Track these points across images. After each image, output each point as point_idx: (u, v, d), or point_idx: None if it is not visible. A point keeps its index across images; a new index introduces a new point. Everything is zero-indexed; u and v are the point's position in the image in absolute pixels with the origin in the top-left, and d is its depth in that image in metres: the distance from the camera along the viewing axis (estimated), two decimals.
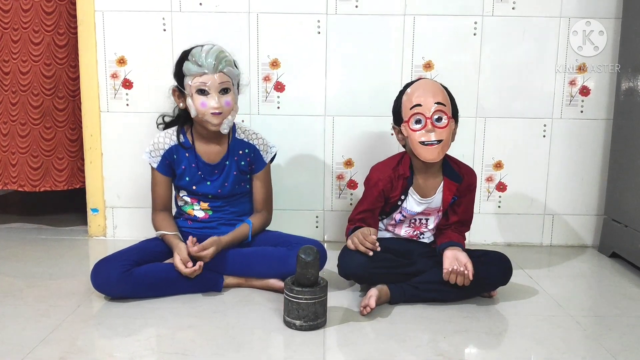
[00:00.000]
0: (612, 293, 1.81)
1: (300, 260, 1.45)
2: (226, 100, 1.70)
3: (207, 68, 1.66)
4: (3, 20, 2.20)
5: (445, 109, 1.64)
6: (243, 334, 1.45)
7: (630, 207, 2.02)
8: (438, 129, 1.63)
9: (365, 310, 1.56)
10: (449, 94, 1.70)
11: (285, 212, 2.18)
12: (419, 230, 1.80)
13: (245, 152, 1.82)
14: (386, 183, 1.72)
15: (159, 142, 1.79)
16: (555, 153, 2.22)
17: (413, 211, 1.76)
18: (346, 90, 2.19)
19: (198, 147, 1.80)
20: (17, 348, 1.35)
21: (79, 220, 2.49)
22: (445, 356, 1.36)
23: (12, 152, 2.28)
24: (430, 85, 1.67)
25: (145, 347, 1.38)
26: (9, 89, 2.24)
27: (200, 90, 1.68)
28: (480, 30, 2.15)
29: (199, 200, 1.83)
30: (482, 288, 1.68)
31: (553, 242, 2.29)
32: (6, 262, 2.01)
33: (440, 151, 1.65)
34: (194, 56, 1.67)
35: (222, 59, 1.68)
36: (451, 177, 1.73)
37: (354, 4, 2.13)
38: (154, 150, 1.79)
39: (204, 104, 1.68)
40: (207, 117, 1.69)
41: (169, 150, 1.79)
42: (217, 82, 1.68)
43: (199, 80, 1.67)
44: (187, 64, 1.69)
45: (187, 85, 1.70)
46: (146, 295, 1.66)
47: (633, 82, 2.03)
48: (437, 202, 1.75)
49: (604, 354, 1.38)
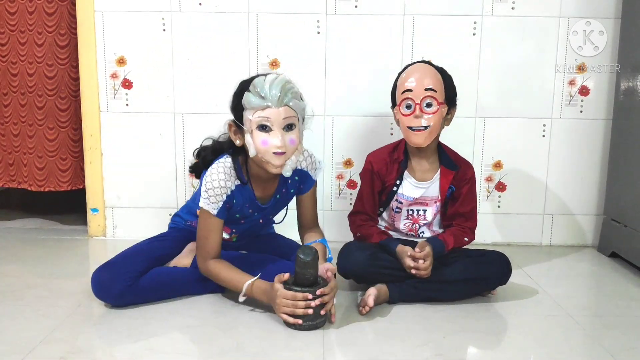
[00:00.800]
0: (611, 293, 1.81)
1: (299, 260, 1.45)
2: (291, 138, 1.51)
3: (271, 101, 1.47)
4: (10, 23, 2.22)
5: (435, 95, 1.64)
6: (243, 334, 1.45)
7: (630, 206, 2.02)
8: (426, 115, 1.64)
9: (364, 310, 1.56)
10: (446, 78, 1.69)
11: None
12: (418, 223, 1.78)
13: (295, 180, 1.68)
14: (381, 166, 1.74)
15: (220, 186, 1.55)
16: (554, 153, 2.22)
17: (410, 196, 1.75)
18: (346, 90, 2.19)
19: (254, 187, 1.63)
20: (17, 348, 1.35)
21: (78, 220, 2.49)
22: (444, 356, 1.36)
23: (24, 152, 2.31)
24: (423, 70, 1.67)
25: (145, 347, 1.38)
26: (18, 90, 2.27)
27: (262, 126, 1.49)
28: (480, 30, 2.15)
29: (231, 232, 1.73)
30: (481, 287, 1.69)
31: (552, 242, 2.29)
32: (6, 262, 2.01)
33: (427, 136, 1.66)
34: (256, 87, 1.49)
35: (288, 90, 1.49)
36: (447, 166, 1.74)
37: (354, 4, 2.13)
38: (214, 196, 1.55)
39: (265, 142, 1.49)
40: (267, 157, 1.51)
41: (229, 197, 1.58)
42: (282, 117, 1.49)
43: (260, 115, 1.48)
44: (247, 95, 1.49)
45: (246, 120, 1.51)
46: (150, 300, 1.63)
47: (632, 81, 2.03)
48: (434, 191, 1.75)
49: (604, 354, 1.38)
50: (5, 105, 2.29)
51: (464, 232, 1.75)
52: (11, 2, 2.21)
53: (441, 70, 1.70)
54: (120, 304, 1.60)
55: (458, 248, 1.74)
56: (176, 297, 1.67)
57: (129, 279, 1.57)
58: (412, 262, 1.60)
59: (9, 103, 2.29)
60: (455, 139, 2.18)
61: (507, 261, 1.68)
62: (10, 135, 2.32)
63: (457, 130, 2.18)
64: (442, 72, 1.70)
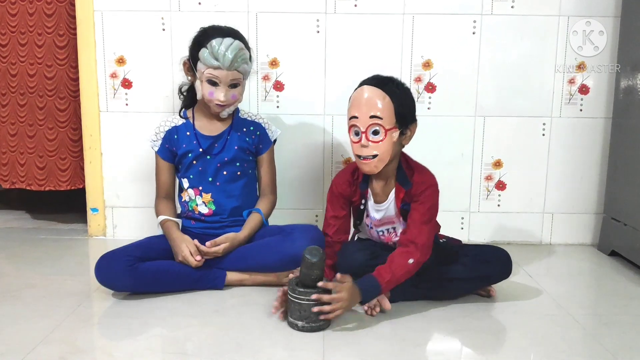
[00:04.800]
0: (611, 291, 1.81)
1: (306, 260, 1.44)
2: (233, 94, 1.75)
3: (223, 64, 1.69)
4: (10, 24, 2.23)
5: (382, 122, 1.53)
6: (243, 334, 1.45)
7: (630, 205, 2.02)
8: (373, 144, 1.55)
9: (374, 311, 1.56)
10: (398, 98, 1.55)
11: (284, 211, 2.18)
12: (391, 241, 1.73)
13: (251, 130, 1.87)
14: (344, 188, 1.70)
15: (159, 126, 1.84)
16: (554, 151, 2.22)
17: (375, 217, 1.71)
18: (345, 90, 2.17)
19: (198, 123, 1.84)
20: (17, 348, 1.35)
21: (78, 220, 2.49)
22: (445, 355, 1.36)
23: (21, 152, 2.32)
24: (367, 96, 1.55)
25: (145, 347, 1.38)
26: (17, 90, 2.27)
27: (211, 81, 1.72)
28: (480, 29, 2.15)
29: (200, 192, 1.83)
30: (483, 284, 1.68)
31: (552, 241, 2.29)
32: (6, 262, 2.01)
33: (376, 164, 1.58)
34: (213, 48, 1.68)
35: (239, 57, 1.70)
36: (401, 183, 1.64)
37: (353, 3, 2.13)
38: (156, 134, 1.84)
39: (211, 93, 1.73)
40: (211, 105, 1.76)
41: (169, 132, 1.83)
42: (229, 78, 1.72)
43: (211, 73, 1.71)
44: (204, 51, 1.70)
45: (199, 69, 1.73)
46: (150, 289, 1.67)
47: (632, 80, 2.03)
48: (392, 210, 1.68)
49: (603, 353, 1.38)
50: (3, 105, 2.30)
51: (406, 253, 1.56)
52: (12, 4, 2.22)
53: (390, 91, 1.55)
54: (123, 287, 1.66)
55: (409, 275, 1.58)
56: (176, 289, 1.69)
57: (130, 260, 1.63)
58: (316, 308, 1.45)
59: (7, 103, 2.29)
60: (455, 138, 2.20)
61: (508, 257, 1.67)
62: (7, 135, 2.31)
63: (457, 130, 2.20)
64: (392, 93, 1.55)
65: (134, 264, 1.63)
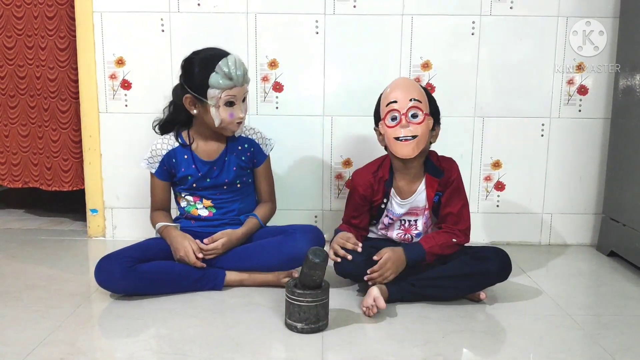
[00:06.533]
0: (610, 292, 1.82)
1: (309, 261, 1.43)
2: (245, 107, 1.76)
3: (237, 82, 1.68)
4: (17, 27, 2.25)
5: (421, 106, 1.63)
6: (243, 334, 1.46)
7: (629, 205, 2.03)
8: (413, 125, 1.62)
9: (372, 312, 1.56)
10: (429, 94, 1.69)
11: (284, 212, 2.18)
12: (410, 233, 1.76)
13: (245, 147, 1.85)
14: (366, 188, 1.73)
15: (156, 149, 1.81)
16: (553, 152, 2.23)
17: (398, 213, 1.74)
18: (344, 90, 2.20)
19: (195, 147, 1.82)
20: (17, 349, 1.35)
21: (78, 220, 2.49)
22: (443, 356, 1.36)
23: (33, 152, 2.36)
24: (405, 83, 1.68)
25: (145, 347, 1.38)
26: (27, 92, 2.31)
27: (230, 102, 1.70)
28: (478, 29, 2.15)
29: (201, 198, 1.84)
30: (481, 284, 1.67)
31: (551, 241, 2.29)
32: (5, 263, 2.01)
33: (415, 147, 1.63)
34: (223, 69, 1.66)
35: (245, 70, 1.71)
36: (433, 174, 1.72)
37: (352, 4, 2.14)
38: (152, 157, 1.81)
39: (231, 115, 1.71)
40: (231, 126, 1.74)
41: (167, 155, 1.81)
42: (242, 92, 1.73)
43: (229, 94, 1.69)
44: (215, 77, 1.66)
45: (213, 97, 1.68)
46: (149, 291, 1.68)
47: (631, 80, 2.03)
48: (421, 201, 1.73)
49: (602, 353, 1.39)
50: (12, 107, 2.32)
51: (451, 233, 1.69)
52: (18, 7, 2.24)
53: (423, 87, 1.70)
54: (122, 289, 1.66)
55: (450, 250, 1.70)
56: (175, 290, 1.70)
57: (128, 261, 1.64)
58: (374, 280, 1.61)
59: (16, 105, 2.32)
60: (454, 138, 2.20)
61: (507, 257, 1.67)
62: (17, 136, 2.35)
63: (456, 130, 2.20)
64: (424, 89, 1.69)
65: (133, 265, 1.64)
